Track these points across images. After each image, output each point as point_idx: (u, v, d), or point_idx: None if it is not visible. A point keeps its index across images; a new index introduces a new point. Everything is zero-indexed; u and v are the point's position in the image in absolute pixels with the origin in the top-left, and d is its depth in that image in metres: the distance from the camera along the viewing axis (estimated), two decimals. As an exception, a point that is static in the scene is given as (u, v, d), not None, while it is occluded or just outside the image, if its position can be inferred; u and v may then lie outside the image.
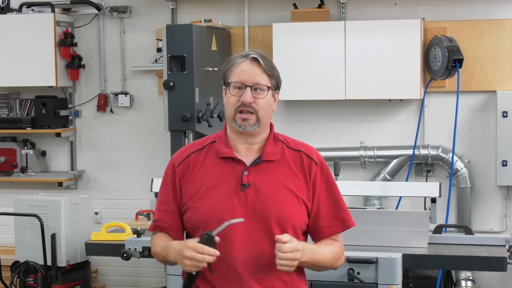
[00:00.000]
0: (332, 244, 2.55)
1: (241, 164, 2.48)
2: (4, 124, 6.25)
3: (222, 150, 2.51)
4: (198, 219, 2.47)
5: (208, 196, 2.46)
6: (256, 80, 2.46)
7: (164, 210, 2.57)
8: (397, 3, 5.70)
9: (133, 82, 6.25)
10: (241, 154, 2.50)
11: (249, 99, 2.44)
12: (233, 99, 2.47)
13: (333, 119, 5.83)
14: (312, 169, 2.53)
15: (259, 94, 2.47)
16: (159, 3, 6.09)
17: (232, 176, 2.47)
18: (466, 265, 4.45)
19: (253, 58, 2.48)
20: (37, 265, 5.27)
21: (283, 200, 2.45)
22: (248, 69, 2.47)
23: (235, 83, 2.47)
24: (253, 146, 2.52)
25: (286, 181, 2.48)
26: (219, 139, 2.55)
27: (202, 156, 2.53)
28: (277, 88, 2.55)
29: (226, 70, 2.51)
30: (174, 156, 2.59)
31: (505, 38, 5.53)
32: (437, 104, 5.69)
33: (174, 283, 4.23)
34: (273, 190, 2.45)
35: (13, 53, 6.03)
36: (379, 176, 5.69)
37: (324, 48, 5.52)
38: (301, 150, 2.56)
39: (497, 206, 5.65)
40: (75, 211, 5.41)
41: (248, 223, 2.40)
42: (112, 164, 6.32)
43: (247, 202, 2.44)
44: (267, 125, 2.55)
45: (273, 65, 2.52)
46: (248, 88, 2.45)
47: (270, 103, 2.52)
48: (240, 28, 5.95)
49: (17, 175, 6.31)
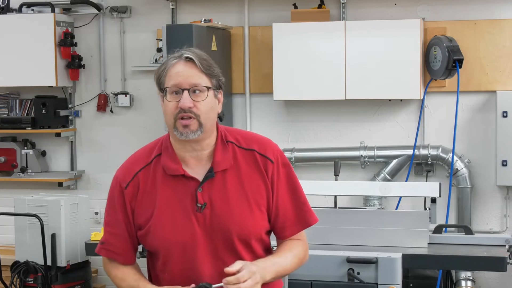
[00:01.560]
0: (295, 247, 2.42)
1: (193, 180, 2.31)
2: (4, 124, 6.24)
3: (170, 167, 2.32)
4: (158, 244, 2.34)
5: (164, 219, 2.31)
6: (193, 82, 2.25)
7: (111, 232, 2.41)
8: (397, 3, 5.70)
9: (133, 82, 6.25)
10: (191, 166, 2.33)
11: (188, 104, 2.23)
12: (171, 106, 2.27)
13: (333, 119, 5.83)
14: (268, 169, 2.36)
15: (199, 97, 2.25)
16: (159, 3, 6.09)
17: (186, 195, 2.30)
18: (466, 265, 4.45)
19: (187, 58, 2.26)
20: (37, 265, 5.27)
21: (242, 213, 2.31)
22: (183, 71, 2.25)
23: (170, 87, 2.26)
24: (201, 153, 2.33)
25: (243, 189, 2.32)
26: (165, 150, 2.35)
27: (150, 173, 2.35)
28: (218, 87, 2.32)
29: (160, 74, 2.30)
30: (119, 175, 2.41)
31: (505, 38, 5.53)
32: (437, 104, 5.69)
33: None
34: (231, 205, 2.30)
35: (13, 53, 6.03)
36: (379, 176, 5.69)
37: (324, 48, 5.52)
38: (253, 149, 2.37)
39: (497, 206, 5.65)
40: (75, 211, 5.41)
41: (211, 242, 2.29)
42: (112, 164, 6.26)
43: (205, 223, 2.30)
44: (212, 129, 2.34)
45: (211, 63, 2.30)
46: (185, 92, 2.24)
47: (213, 105, 2.30)
48: (240, 28, 5.95)
49: (17, 175, 6.31)
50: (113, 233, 2.41)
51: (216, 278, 2.26)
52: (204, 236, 2.31)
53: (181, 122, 2.25)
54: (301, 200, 2.44)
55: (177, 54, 2.30)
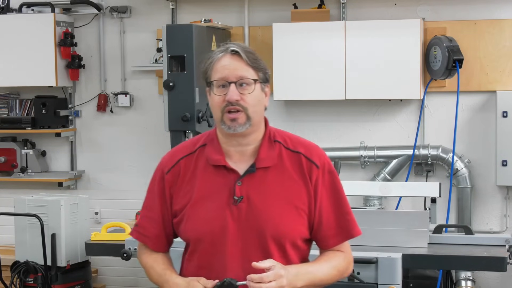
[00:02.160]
0: (335, 257, 2.35)
1: (233, 173, 2.28)
2: (4, 124, 6.25)
3: (213, 157, 2.30)
4: (189, 232, 2.32)
5: (199, 209, 2.29)
6: (240, 74, 2.23)
7: (147, 216, 2.41)
8: (397, 3, 5.70)
9: (133, 82, 6.25)
10: (234, 160, 2.30)
11: (235, 97, 2.21)
12: (218, 99, 2.25)
13: (333, 119, 5.83)
14: (313, 173, 2.32)
15: (246, 90, 2.23)
16: (159, 3, 6.09)
17: (224, 187, 2.27)
18: (466, 265, 4.45)
19: (232, 51, 2.25)
20: (37, 265, 5.27)
21: (279, 213, 2.25)
22: (229, 64, 2.23)
23: (217, 81, 2.24)
24: (246, 149, 2.30)
25: (283, 190, 2.27)
26: (210, 142, 2.34)
27: (193, 161, 2.33)
28: (265, 81, 2.30)
29: (206, 68, 2.29)
30: (163, 161, 2.41)
31: (505, 38, 5.53)
32: (437, 104, 5.69)
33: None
34: (269, 203, 2.26)
35: (13, 53, 6.03)
36: (379, 176, 5.69)
37: (324, 48, 5.52)
38: (300, 152, 2.33)
39: (497, 206, 5.65)
40: (75, 211, 5.41)
41: (242, 238, 2.24)
42: (112, 164, 6.32)
43: (240, 217, 2.25)
44: (260, 123, 2.31)
45: (257, 57, 2.28)
46: (232, 85, 2.22)
47: (260, 98, 2.28)
48: (240, 28, 5.95)
49: (17, 175, 6.31)
50: (148, 217, 2.41)
51: (241, 276, 2.20)
52: (236, 230, 2.25)
53: (229, 116, 2.23)
54: (345, 209, 2.37)
55: (223, 47, 2.28)
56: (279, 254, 2.27)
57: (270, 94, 2.37)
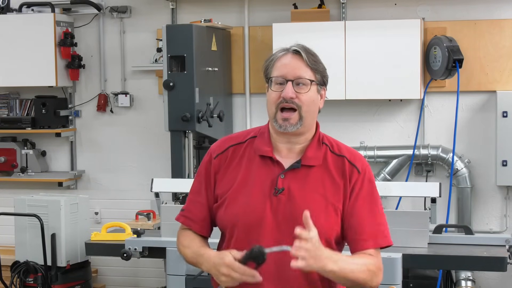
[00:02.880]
0: (366, 257, 2.32)
1: (278, 166, 2.34)
2: (4, 124, 6.25)
3: (261, 148, 2.37)
4: (227, 218, 2.36)
5: (239, 195, 2.34)
6: (298, 74, 2.31)
7: (193, 200, 2.45)
8: (397, 3, 5.70)
9: (133, 82, 6.25)
10: (281, 154, 2.36)
11: (290, 94, 2.29)
12: (274, 95, 2.31)
13: (333, 119, 5.83)
14: (353, 177, 2.36)
15: (302, 89, 2.31)
16: (159, 3, 6.09)
17: (268, 178, 2.33)
18: (466, 265, 4.45)
19: (294, 51, 2.33)
20: (37, 265, 5.27)
21: (317, 209, 2.28)
22: (289, 63, 2.32)
23: (276, 78, 2.32)
24: (295, 146, 2.37)
25: (323, 189, 2.32)
26: (261, 134, 2.41)
27: (241, 150, 2.40)
28: (323, 84, 2.41)
29: (268, 65, 2.36)
30: (213, 147, 2.46)
31: (505, 38, 5.53)
32: (437, 104, 5.69)
33: (174, 283, 4.23)
34: (308, 198, 2.30)
35: (13, 53, 6.03)
36: (379, 176, 5.69)
37: (324, 48, 5.45)
38: (344, 156, 2.38)
39: (497, 206, 5.65)
40: (75, 211, 5.41)
41: (278, 230, 2.27)
42: (112, 164, 6.32)
43: (279, 208, 2.30)
44: (312, 124, 2.38)
45: (317, 59, 2.37)
46: (289, 83, 2.30)
47: (315, 99, 2.36)
48: (240, 28, 5.95)
49: (17, 175, 6.31)
50: (194, 201, 2.45)
51: (272, 268, 2.25)
52: (273, 221, 2.29)
53: (282, 115, 2.30)
54: (380, 220, 2.38)
55: (286, 47, 2.36)
56: None
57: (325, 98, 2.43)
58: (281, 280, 2.29)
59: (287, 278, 2.28)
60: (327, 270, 2.18)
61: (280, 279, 2.28)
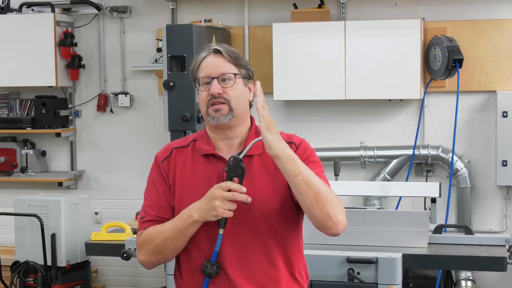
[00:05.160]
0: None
1: (222, 161, 2.44)
2: (4, 124, 6.25)
3: (203, 148, 2.48)
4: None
5: (189, 194, 2.42)
6: (222, 70, 2.43)
7: (150, 205, 2.48)
8: (397, 3, 5.71)
9: (133, 82, 6.25)
10: (222, 151, 2.46)
11: (217, 90, 2.40)
12: (203, 95, 2.44)
13: (333, 119, 5.83)
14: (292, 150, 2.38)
15: (228, 84, 2.42)
16: (159, 3, 6.09)
17: (213, 174, 2.42)
18: (466, 265, 4.45)
19: (215, 50, 2.45)
20: (37, 265, 5.27)
21: (266, 193, 2.39)
22: (212, 62, 2.44)
23: (202, 78, 2.44)
24: (233, 141, 2.47)
25: (268, 173, 2.41)
26: (200, 137, 2.52)
27: (185, 153, 2.50)
28: (248, 77, 2.49)
29: (193, 69, 2.49)
30: (158, 154, 2.56)
31: (505, 38, 5.53)
32: (437, 104, 5.69)
33: (174, 283, 4.22)
34: (254, 184, 2.38)
35: (13, 53, 6.03)
36: (379, 176, 5.69)
37: (324, 48, 5.52)
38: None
39: (497, 206, 5.65)
40: (75, 211, 5.41)
41: (232, 221, 2.34)
42: (112, 164, 6.32)
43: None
44: (244, 116, 2.50)
45: (238, 55, 2.48)
46: (215, 80, 2.41)
47: (242, 91, 2.47)
48: (240, 28, 5.95)
49: (17, 175, 6.31)
50: (151, 205, 2.48)
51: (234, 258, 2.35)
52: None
53: (213, 108, 2.42)
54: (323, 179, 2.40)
55: (206, 48, 2.49)
56: (269, 230, 2.39)
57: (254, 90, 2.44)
58: (244, 263, 2.37)
59: (250, 263, 2.37)
60: (286, 153, 2.28)
61: (243, 262, 2.37)
